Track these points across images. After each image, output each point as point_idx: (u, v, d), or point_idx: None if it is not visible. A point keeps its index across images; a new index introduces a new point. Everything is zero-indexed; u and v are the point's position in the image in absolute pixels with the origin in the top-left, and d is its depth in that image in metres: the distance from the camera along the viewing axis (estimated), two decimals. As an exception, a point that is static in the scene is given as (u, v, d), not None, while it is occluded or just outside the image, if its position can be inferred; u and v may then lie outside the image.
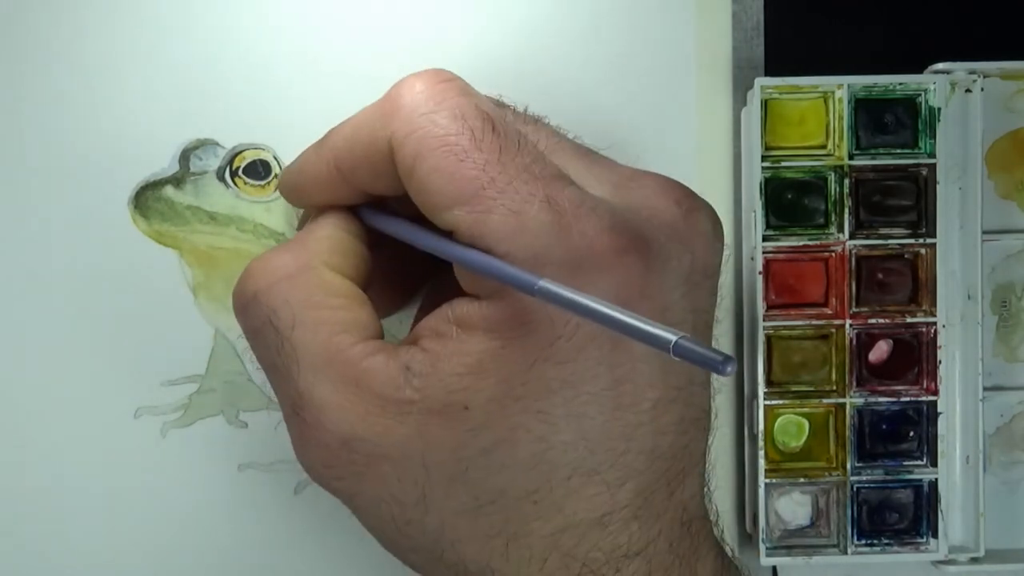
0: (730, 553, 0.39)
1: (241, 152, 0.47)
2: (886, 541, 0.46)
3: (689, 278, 0.36)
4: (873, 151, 0.46)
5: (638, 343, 0.31)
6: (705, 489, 0.38)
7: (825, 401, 0.46)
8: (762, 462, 0.46)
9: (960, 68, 0.46)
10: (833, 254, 0.46)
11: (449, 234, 0.35)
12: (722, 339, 0.48)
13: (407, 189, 0.35)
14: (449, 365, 0.34)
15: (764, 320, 0.46)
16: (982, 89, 0.46)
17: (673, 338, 0.29)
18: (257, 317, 0.37)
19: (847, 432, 0.46)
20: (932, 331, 0.46)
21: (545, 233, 0.33)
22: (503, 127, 0.35)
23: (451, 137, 0.34)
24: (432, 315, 0.36)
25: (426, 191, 0.34)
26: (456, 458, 0.34)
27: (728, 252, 0.48)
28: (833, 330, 0.46)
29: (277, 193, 0.47)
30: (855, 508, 0.46)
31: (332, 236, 0.38)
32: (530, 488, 0.34)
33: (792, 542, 0.47)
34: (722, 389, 0.48)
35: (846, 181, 0.46)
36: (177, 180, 0.47)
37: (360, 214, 0.39)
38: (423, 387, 0.34)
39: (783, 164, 0.46)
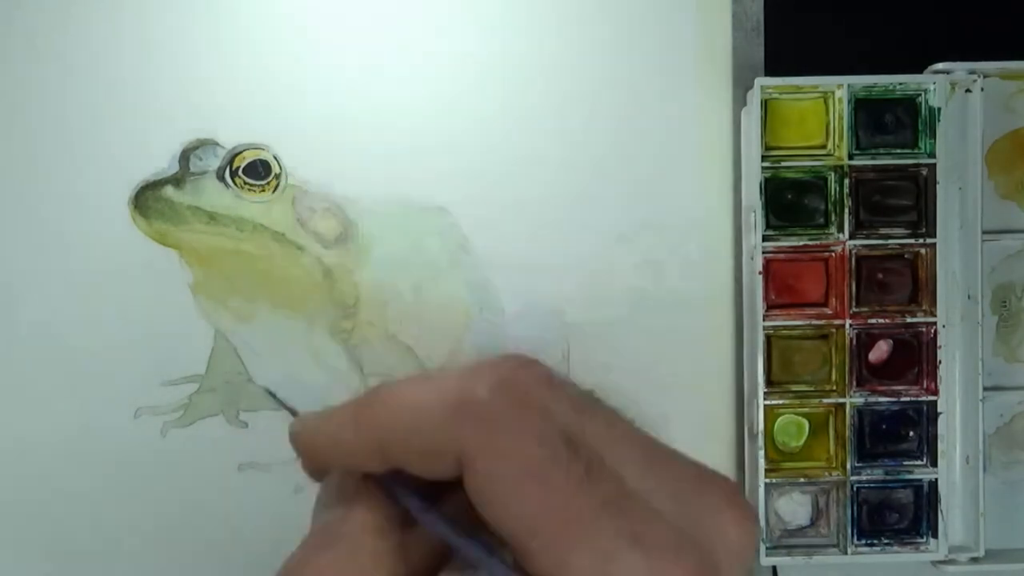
0: None
1: (241, 152, 0.47)
2: (886, 541, 0.46)
3: None
4: (873, 151, 0.46)
5: None
6: None
7: (825, 401, 0.46)
8: (762, 462, 0.46)
9: (960, 68, 0.46)
10: (833, 254, 0.46)
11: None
12: (722, 339, 0.48)
13: (472, 499, 0.33)
14: None
15: (764, 320, 0.46)
16: (982, 89, 0.46)
17: None
18: None
19: (847, 432, 0.46)
20: (932, 331, 0.46)
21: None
22: (586, 451, 0.32)
23: (533, 465, 0.31)
24: None
25: (501, 514, 0.32)
26: None
27: (728, 252, 0.48)
28: (833, 330, 0.46)
29: (277, 193, 0.47)
30: (855, 508, 0.46)
31: (379, 546, 0.34)
32: None
33: (792, 542, 0.47)
34: (721, 389, 0.48)
35: (846, 181, 0.46)
36: (177, 180, 0.47)
37: (402, 500, 0.36)
38: None
39: (783, 164, 0.46)
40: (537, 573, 0.32)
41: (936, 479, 0.46)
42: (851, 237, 0.46)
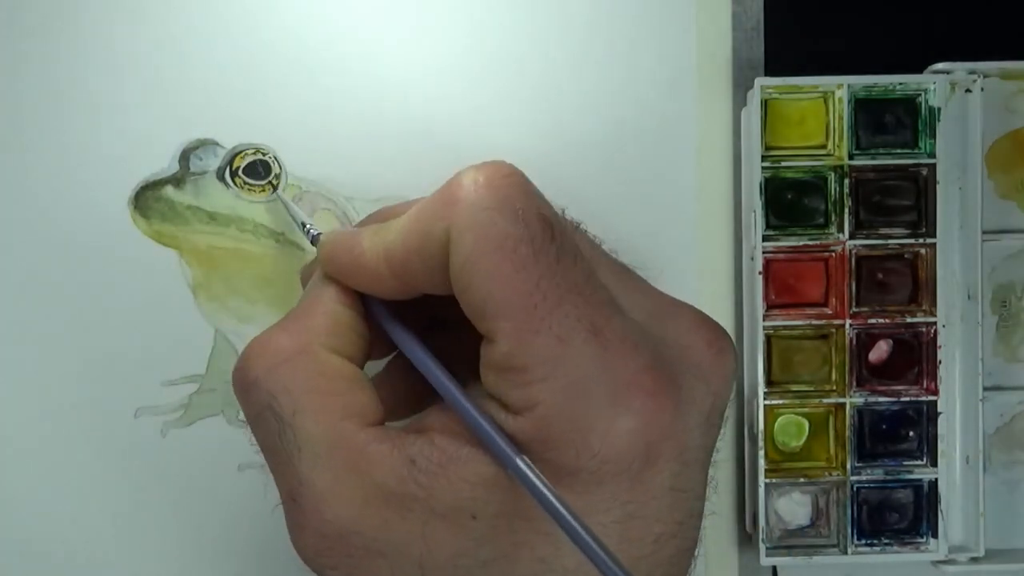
0: None
1: (241, 152, 0.47)
2: (886, 541, 0.46)
3: (708, 418, 0.35)
4: (873, 151, 0.46)
5: (657, 478, 0.32)
6: None
7: (825, 401, 0.46)
8: (762, 462, 0.46)
9: (960, 68, 0.46)
10: (833, 254, 0.46)
11: (455, 349, 0.34)
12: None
13: (453, 285, 0.34)
14: (462, 471, 0.33)
15: (764, 320, 0.46)
16: (982, 89, 0.46)
17: None
18: (257, 402, 0.36)
19: (847, 432, 0.46)
20: (932, 331, 0.46)
21: (586, 364, 0.32)
22: (561, 236, 0.33)
23: (510, 241, 0.32)
24: (446, 407, 0.34)
25: (475, 293, 0.33)
26: (454, 564, 0.33)
27: (728, 252, 0.48)
28: (833, 330, 0.46)
29: (276, 193, 0.47)
30: (855, 508, 0.46)
31: (330, 314, 0.37)
32: None
33: (792, 542, 0.47)
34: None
35: (846, 181, 0.46)
36: (177, 180, 0.47)
37: (370, 308, 0.38)
38: (429, 485, 0.32)
39: (783, 164, 0.46)
40: (501, 361, 0.32)
41: (936, 479, 0.46)
42: (851, 237, 0.46)
